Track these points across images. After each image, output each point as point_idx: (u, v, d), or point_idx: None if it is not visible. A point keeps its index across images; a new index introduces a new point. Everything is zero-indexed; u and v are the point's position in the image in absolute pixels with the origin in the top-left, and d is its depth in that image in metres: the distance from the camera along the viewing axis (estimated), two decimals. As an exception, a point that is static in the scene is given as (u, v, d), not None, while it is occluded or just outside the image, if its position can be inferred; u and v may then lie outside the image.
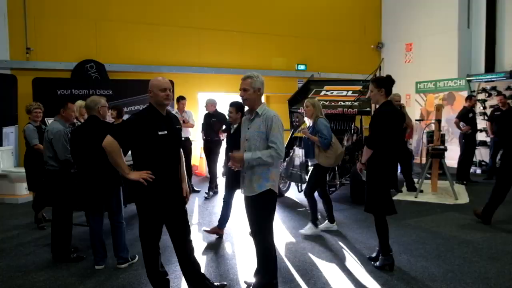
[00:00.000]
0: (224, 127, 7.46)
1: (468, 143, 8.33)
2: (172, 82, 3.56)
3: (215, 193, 7.49)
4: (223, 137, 7.52)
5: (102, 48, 9.08)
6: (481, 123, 9.33)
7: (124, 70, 9.23)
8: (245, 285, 3.58)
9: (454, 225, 5.44)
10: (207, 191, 7.45)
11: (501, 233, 5.06)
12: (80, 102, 5.43)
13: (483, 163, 9.69)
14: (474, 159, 9.02)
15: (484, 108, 9.63)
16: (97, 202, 4.07)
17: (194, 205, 6.68)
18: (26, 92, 7.90)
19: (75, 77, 8.62)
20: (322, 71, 11.47)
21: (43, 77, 8.16)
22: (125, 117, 6.45)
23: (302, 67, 11.63)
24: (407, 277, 3.82)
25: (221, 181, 7.61)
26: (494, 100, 9.40)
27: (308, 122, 5.25)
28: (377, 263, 4.05)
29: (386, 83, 3.93)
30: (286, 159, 7.16)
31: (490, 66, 10.23)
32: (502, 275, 3.82)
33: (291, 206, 6.65)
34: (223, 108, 7.74)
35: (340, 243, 4.79)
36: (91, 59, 8.77)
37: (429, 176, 7.58)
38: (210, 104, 7.47)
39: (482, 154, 9.72)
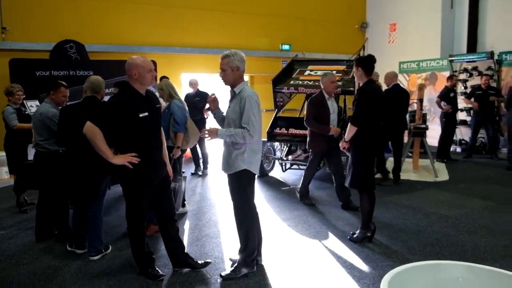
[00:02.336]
0: (208, 105, 7.47)
1: (449, 122, 8.48)
2: (154, 63, 3.50)
3: (205, 173, 7.52)
4: (208, 115, 7.54)
5: (81, 28, 8.83)
6: (462, 102, 9.48)
7: (105, 50, 9.02)
8: (230, 262, 3.63)
9: (433, 201, 5.58)
10: (194, 171, 7.54)
11: (478, 208, 5.21)
12: None
13: (463, 141, 9.89)
14: (454, 138, 9.21)
15: (465, 88, 9.77)
16: (84, 186, 3.90)
17: (179, 186, 6.68)
18: (2, 74, 7.66)
19: (54, 58, 8.39)
20: (306, 51, 11.42)
21: (20, 58, 7.93)
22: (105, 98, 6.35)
23: (286, 47, 11.56)
24: (388, 251, 3.93)
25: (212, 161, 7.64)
26: (475, 80, 9.54)
27: (164, 104, 4.84)
28: (356, 235, 4.16)
29: (364, 62, 4.00)
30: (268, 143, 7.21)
31: (472, 46, 10.33)
32: (478, 248, 3.96)
33: (276, 185, 6.71)
34: (206, 89, 7.75)
35: (323, 221, 4.87)
36: (70, 39, 8.52)
37: (410, 154, 7.71)
38: (195, 83, 7.51)
39: (462, 133, 9.91)
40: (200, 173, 7.51)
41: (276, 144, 7.48)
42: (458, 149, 9.74)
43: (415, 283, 2.23)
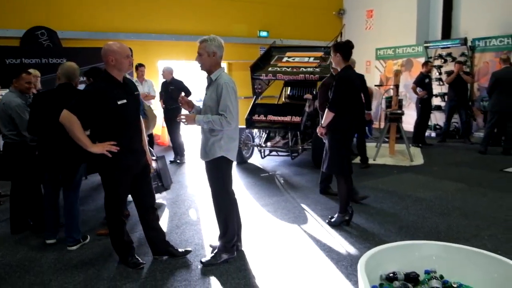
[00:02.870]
0: (183, 94, 7.45)
1: (424, 108, 8.65)
2: (130, 50, 3.43)
3: (182, 161, 7.51)
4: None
5: (53, 14, 8.56)
6: (437, 88, 9.68)
7: (78, 37, 8.79)
8: (211, 249, 3.65)
9: (409, 185, 5.72)
10: (173, 159, 7.52)
11: (452, 191, 5.37)
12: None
13: (437, 126, 10.12)
14: (429, 123, 9.41)
15: (440, 74, 9.97)
16: (59, 175, 3.81)
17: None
18: (-29, 61, 7.40)
19: (24, 45, 8.13)
20: (284, 37, 11.39)
21: (-11, 45, 7.66)
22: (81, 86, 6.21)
23: (264, 33, 11.51)
24: (365, 234, 4.02)
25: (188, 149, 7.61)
26: (449, 66, 9.73)
27: None
28: (334, 219, 4.23)
29: (342, 48, 4.01)
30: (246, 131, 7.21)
31: (447, 33, 10.51)
32: (451, 229, 4.10)
33: (255, 172, 6.73)
34: (182, 76, 7.67)
35: (302, 205, 4.94)
36: (41, 26, 8.27)
37: (387, 139, 7.85)
38: (167, 72, 7.41)
39: (437, 118, 10.13)
40: (178, 161, 7.49)
41: (255, 131, 7.50)
42: (433, 134, 9.97)
43: (390, 263, 2.30)
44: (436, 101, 9.92)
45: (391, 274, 2.24)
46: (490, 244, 3.68)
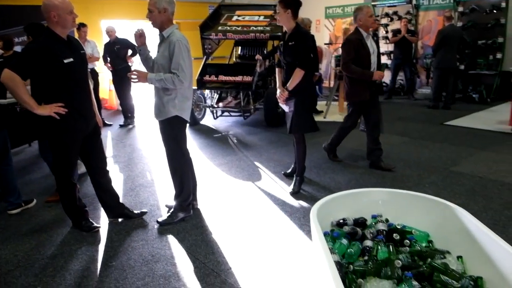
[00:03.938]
0: (130, 52, 7.22)
1: (371, 66, 8.88)
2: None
3: (132, 124, 7.40)
4: (132, 62, 7.25)
5: (-23, -33, 7.76)
6: (383, 46, 9.93)
7: (9, -6, 8.06)
8: (166, 209, 3.66)
9: (358, 140, 5.92)
10: (122, 123, 7.36)
11: (397, 144, 5.67)
12: None
13: (384, 84, 10.47)
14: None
15: (387, 32, 10.21)
16: None
17: (107, 138, 6.47)
18: None
19: None
20: (233, -4, 11.10)
21: None
22: (17, 48, 5.79)
23: (212, -9, 11.14)
24: (317, 187, 4.19)
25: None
26: (395, 25, 9.98)
27: None
28: (296, 187, 4.09)
29: (293, 4, 3.73)
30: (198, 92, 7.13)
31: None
32: (396, 178, 4.36)
33: (208, 133, 6.72)
34: (128, 36, 7.36)
35: (256, 163, 5.03)
36: (-35, -19, 7.50)
37: (336, 98, 8.05)
38: (112, 31, 7.11)
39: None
40: (130, 125, 7.33)
41: (207, 92, 7.41)
42: (380, 92, 10.32)
43: (340, 210, 2.44)
44: (382, 59, 10.20)
45: (341, 221, 2.39)
46: (431, 190, 3.97)
